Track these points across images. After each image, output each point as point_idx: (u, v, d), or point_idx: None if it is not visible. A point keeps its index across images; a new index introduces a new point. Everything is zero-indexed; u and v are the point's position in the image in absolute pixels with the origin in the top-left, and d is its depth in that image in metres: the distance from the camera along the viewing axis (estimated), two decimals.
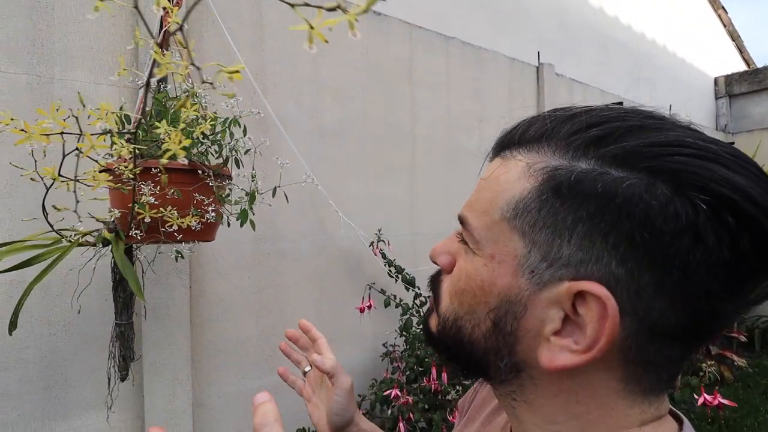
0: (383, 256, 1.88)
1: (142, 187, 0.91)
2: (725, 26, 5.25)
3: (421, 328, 1.84)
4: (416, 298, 1.91)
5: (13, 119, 0.63)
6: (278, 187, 1.23)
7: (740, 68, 5.34)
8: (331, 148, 1.87)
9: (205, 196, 1.01)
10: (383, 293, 1.85)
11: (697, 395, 1.55)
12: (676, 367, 0.32)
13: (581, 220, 0.29)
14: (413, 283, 1.89)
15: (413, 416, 1.59)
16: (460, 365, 0.38)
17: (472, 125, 2.43)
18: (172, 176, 0.97)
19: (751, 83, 4.77)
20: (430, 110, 2.24)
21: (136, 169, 0.81)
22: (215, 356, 1.56)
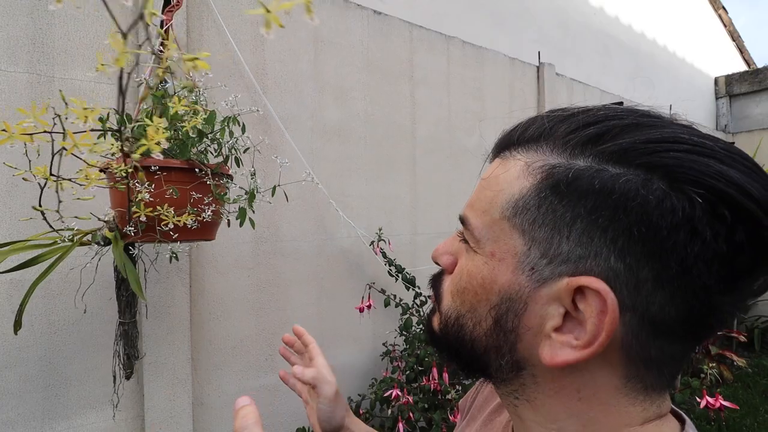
0: (384, 255, 1.88)
1: (137, 185, 0.91)
2: (725, 26, 5.25)
3: (421, 327, 1.83)
4: (416, 297, 1.91)
5: None
6: (278, 185, 1.23)
7: (740, 68, 5.34)
8: (331, 147, 1.87)
9: (203, 194, 1.01)
10: (383, 293, 1.85)
11: (698, 397, 1.55)
12: (676, 364, 0.32)
13: (579, 216, 0.29)
14: (413, 282, 1.88)
15: (413, 416, 1.59)
16: (462, 364, 0.38)
17: (472, 125, 2.43)
18: (170, 175, 0.97)
19: (751, 83, 4.77)
20: (430, 110, 2.24)
21: (127, 167, 0.81)
22: (215, 355, 1.56)
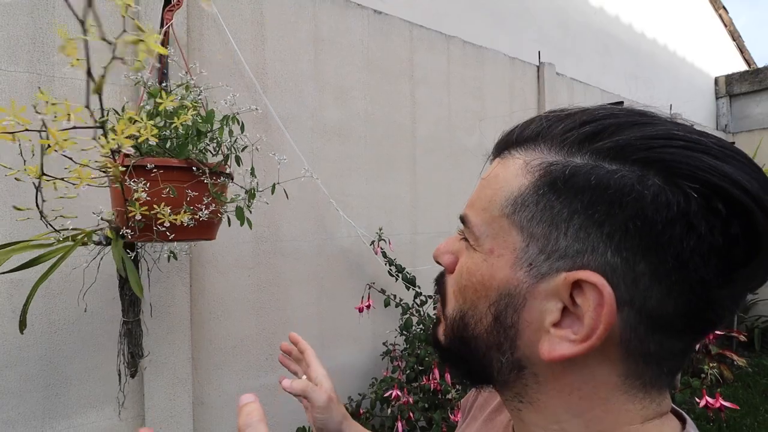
0: (384, 255, 1.88)
1: (131, 184, 0.91)
2: (726, 26, 5.25)
3: (421, 327, 1.84)
4: (416, 297, 1.91)
5: None
6: (277, 183, 1.23)
7: (741, 68, 5.34)
8: (331, 146, 1.87)
9: (199, 193, 1.00)
10: (383, 293, 1.85)
11: (698, 397, 1.55)
12: (676, 360, 0.32)
13: (576, 212, 0.30)
14: (414, 282, 1.89)
15: (413, 415, 1.59)
16: (466, 369, 0.38)
17: (472, 124, 2.43)
18: (167, 174, 0.97)
19: (751, 83, 4.77)
20: (430, 109, 2.24)
21: (116, 166, 0.81)
22: (215, 355, 1.56)
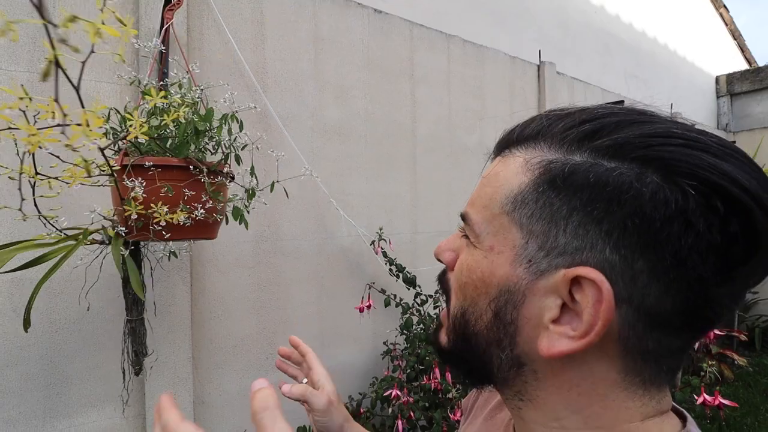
0: (384, 255, 1.88)
1: (128, 183, 0.91)
2: (727, 25, 5.24)
3: (422, 327, 1.84)
4: (417, 296, 1.91)
5: None
6: (276, 182, 1.23)
7: (742, 67, 5.34)
8: (332, 146, 1.87)
9: (197, 192, 1.00)
10: (383, 293, 1.85)
11: (697, 395, 1.55)
12: (675, 358, 0.33)
13: (575, 209, 0.30)
14: (414, 282, 1.88)
15: (414, 414, 1.59)
16: (467, 369, 0.38)
17: (473, 123, 2.43)
18: (165, 173, 0.97)
19: (752, 82, 4.76)
20: (431, 108, 2.24)
21: (90, 162, 0.81)
22: (216, 354, 1.56)
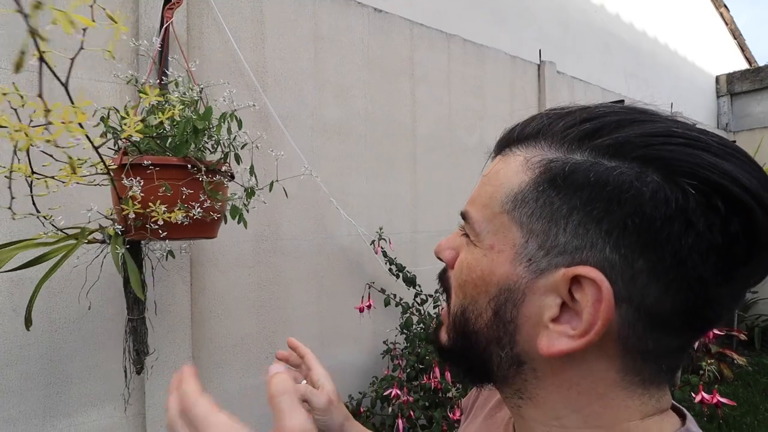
0: (384, 254, 1.88)
1: (125, 182, 0.91)
2: (727, 24, 5.23)
3: (422, 326, 1.84)
4: (416, 296, 1.91)
5: None
6: (275, 181, 1.22)
7: (742, 67, 5.33)
8: (331, 145, 1.87)
9: (195, 191, 1.00)
10: (383, 292, 1.85)
11: (696, 393, 1.55)
12: (675, 358, 0.33)
13: (575, 208, 0.30)
14: (414, 281, 1.89)
15: (413, 414, 1.59)
16: (467, 367, 0.38)
17: (473, 123, 2.43)
18: (164, 172, 0.96)
19: (752, 82, 4.76)
20: (431, 108, 2.23)
21: (75, 159, 0.81)
22: (216, 353, 1.56)
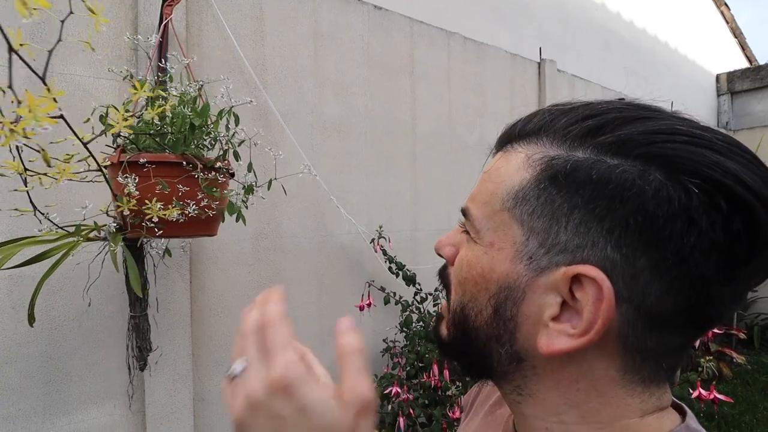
0: (384, 253, 1.87)
1: (119, 180, 0.90)
2: (727, 23, 5.22)
3: (422, 324, 1.84)
4: (416, 294, 1.91)
5: None
6: (274, 179, 1.22)
7: (742, 65, 5.32)
8: (331, 143, 1.87)
9: (191, 188, 0.99)
10: (383, 290, 1.85)
11: (691, 388, 1.55)
12: (675, 356, 0.32)
13: (577, 206, 0.30)
14: (414, 279, 1.88)
15: (413, 412, 1.59)
16: (467, 362, 0.38)
17: (473, 120, 2.43)
18: (161, 169, 0.96)
19: (753, 80, 4.76)
20: (431, 105, 2.23)
21: (47, 152, 0.80)
22: (216, 351, 1.56)
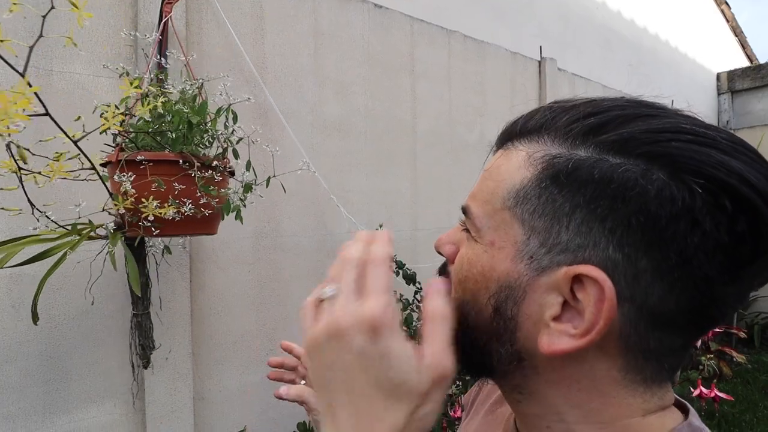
0: None
1: (115, 178, 0.90)
2: (728, 22, 5.22)
3: (421, 323, 1.83)
4: (417, 293, 1.91)
5: None
6: (273, 176, 1.22)
7: (743, 64, 5.31)
8: (332, 142, 1.86)
9: (187, 187, 0.99)
10: None
11: (694, 388, 1.55)
12: (677, 356, 0.32)
13: (579, 206, 0.29)
14: (414, 278, 1.88)
15: None
16: (467, 361, 0.38)
17: (473, 119, 2.42)
18: (158, 168, 0.96)
19: (753, 79, 4.75)
20: (431, 104, 2.23)
21: (23, 148, 0.80)
22: (216, 350, 1.56)
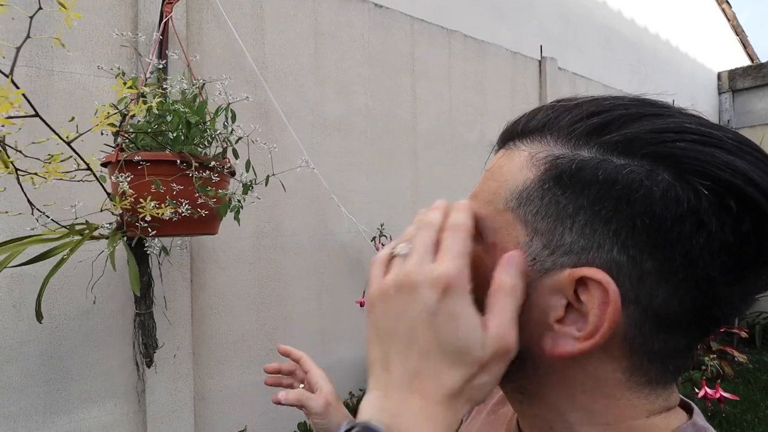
0: None
1: (112, 179, 0.90)
2: (729, 21, 5.21)
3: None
4: None
5: None
6: (272, 175, 1.21)
7: (744, 63, 5.31)
8: (332, 141, 1.86)
9: (185, 187, 0.99)
10: None
11: (698, 389, 1.55)
12: (681, 357, 0.32)
13: (582, 207, 0.29)
14: None
15: None
16: None
17: (474, 119, 2.42)
18: (157, 168, 0.96)
19: (754, 78, 4.74)
20: (431, 103, 2.22)
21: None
22: (216, 350, 1.56)
